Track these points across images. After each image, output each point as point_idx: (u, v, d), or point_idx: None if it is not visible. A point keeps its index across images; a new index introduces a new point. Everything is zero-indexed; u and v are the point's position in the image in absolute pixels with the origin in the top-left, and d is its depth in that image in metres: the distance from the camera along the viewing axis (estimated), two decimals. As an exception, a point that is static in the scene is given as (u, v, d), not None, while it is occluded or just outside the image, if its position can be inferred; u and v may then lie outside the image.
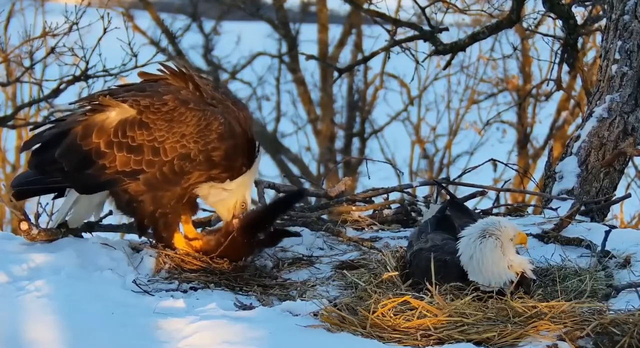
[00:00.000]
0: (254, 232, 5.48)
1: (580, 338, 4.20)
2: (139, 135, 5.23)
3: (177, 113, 5.25)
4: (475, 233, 4.69)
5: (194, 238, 5.54)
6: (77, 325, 4.34)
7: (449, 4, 9.81)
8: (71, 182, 5.33)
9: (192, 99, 5.31)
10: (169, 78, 5.42)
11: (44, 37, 10.16)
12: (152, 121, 5.23)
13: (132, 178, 5.26)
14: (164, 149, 5.24)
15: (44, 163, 5.34)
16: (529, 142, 17.30)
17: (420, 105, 18.57)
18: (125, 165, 5.24)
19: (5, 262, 5.06)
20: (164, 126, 5.23)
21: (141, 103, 5.25)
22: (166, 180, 5.27)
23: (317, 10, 18.32)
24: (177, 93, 5.32)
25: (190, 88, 5.37)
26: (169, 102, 5.26)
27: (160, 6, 19.35)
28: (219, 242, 5.48)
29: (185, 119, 5.25)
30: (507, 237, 4.68)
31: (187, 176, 5.29)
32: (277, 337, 4.26)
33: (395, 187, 6.64)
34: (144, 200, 5.30)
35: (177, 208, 5.38)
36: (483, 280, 4.63)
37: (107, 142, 5.24)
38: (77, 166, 5.28)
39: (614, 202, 6.85)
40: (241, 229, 5.46)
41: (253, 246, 5.51)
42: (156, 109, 5.24)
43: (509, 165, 7.48)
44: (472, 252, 4.66)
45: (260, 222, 5.52)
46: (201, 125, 5.25)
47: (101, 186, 5.30)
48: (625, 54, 6.84)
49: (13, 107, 14.40)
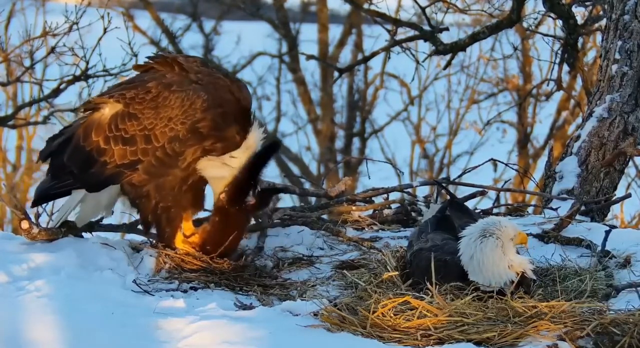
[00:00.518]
0: (242, 197, 5.45)
1: (580, 338, 4.20)
2: (130, 127, 5.30)
3: (161, 98, 5.31)
4: (476, 233, 4.69)
5: (191, 235, 5.54)
6: (77, 325, 4.34)
7: (449, 4, 9.81)
8: (80, 183, 5.40)
9: (176, 80, 5.35)
10: (156, 66, 5.46)
11: (44, 36, 10.15)
12: (140, 111, 5.30)
13: (132, 170, 5.32)
14: (154, 135, 5.29)
15: (57, 169, 5.45)
16: (529, 142, 17.31)
17: (420, 105, 18.59)
18: (123, 157, 5.31)
19: (5, 262, 5.06)
20: (151, 114, 5.29)
21: (127, 95, 5.34)
22: (162, 163, 5.30)
23: (317, 10, 18.33)
24: (161, 78, 5.37)
25: (176, 70, 5.40)
26: (152, 89, 5.32)
27: (160, 6, 19.36)
28: (213, 221, 5.48)
29: (169, 103, 5.29)
30: (508, 237, 4.67)
31: (181, 156, 5.31)
32: (277, 337, 4.26)
33: (395, 187, 6.64)
34: (148, 190, 5.34)
35: (181, 200, 5.39)
36: (483, 280, 4.63)
37: (104, 138, 5.33)
38: (82, 167, 5.36)
39: (614, 202, 6.85)
40: (229, 199, 5.43)
41: (246, 212, 5.50)
42: (141, 99, 5.32)
43: (509, 165, 7.48)
44: (472, 251, 4.66)
45: (245, 183, 5.46)
46: (185, 106, 5.28)
47: (105, 182, 5.36)
48: (625, 53, 6.84)
49: (13, 107, 14.42)
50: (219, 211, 5.47)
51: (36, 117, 14.22)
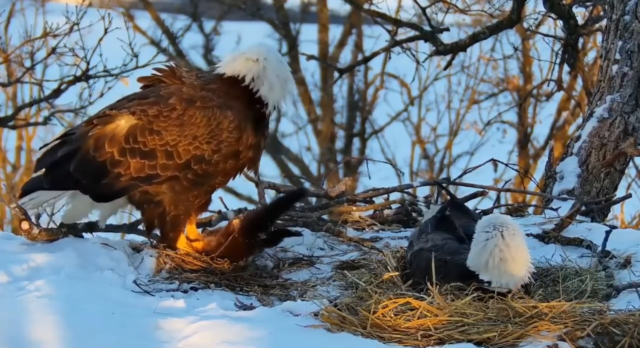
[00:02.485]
0: (255, 232, 5.49)
1: (580, 339, 4.20)
2: (151, 140, 5.23)
3: (186, 116, 5.25)
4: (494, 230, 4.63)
5: (195, 240, 5.54)
6: (77, 325, 4.34)
7: (449, 4, 9.80)
8: (88, 193, 5.34)
9: (195, 95, 5.30)
10: (164, 79, 5.42)
11: (44, 37, 10.15)
12: (164, 128, 5.23)
13: (147, 184, 5.27)
14: (177, 152, 5.24)
15: (59, 179, 5.35)
16: (529, 142, 17.29)
17: (420, 105, 18.57)
18: (140, 171, 5.25)
19: (5, 262, 5.06)
20: (175, 131, 5.23)
21: (149, 112, 5.25)
22: (194, 183, 5.29)
23: (318, 10, 18.31)
24: (179, 92, 5.31)
25: (187, 83, 5.37)
26: (177, 105, 5.26)
27: (160, 6, 19.35)
28: (219, 243, 5.48)
29: (196, 121, 5.25)
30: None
31: (214, 178, 5.31)
32: (277, 337, 4.26)
33: (395, 187, 6.64)
34: (161, 200, 5.31)
35: (191, 208, 5.39)
36: (498, 280, 4.58)
37: (120, 150, 5.25)
38: (93, 178, 5.28)
39: (615, 202, 6.85)
40: (242, 229, 5.46)
41: (254, 246, 5.51)
42: (165, 117, 5.24)
43: (510, 166, 7.47)
44: (492, 248, 4.58)
45: (261, 221, 5.52)
46: (212, 125, 5.24)
47: (117, 194, 5.31)
48: (625, 54, 6.83)
49: (13, 108, 14.40)
50: (228, 236, 5.48)
51: (36, 117, 14.23)
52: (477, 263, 4.62)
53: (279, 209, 5.65)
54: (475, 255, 4.63)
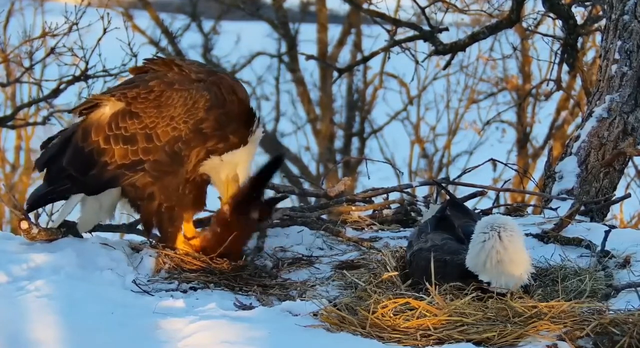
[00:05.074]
0: (246, 209, 5.46)
1: (580, 338, 4.20)
2: (131, 125, 5.25)
3: (164, 97, 5.27)
4: (492, 231, 4.62)
5: (193, 237, 5.54)
6: (77, 325, 4.34)
7: (448, 4, 9.82)
8: (79, 186, 5.34)
9: (178, 79, 5.31)
10: (155, 67, 5.44)
11: (43, 37, 10.14)
12: (142, 110, 5.25)
13: (133, 171, 5.27)
14: (156, 134, 5.25)
15: (55, 174, 5.37)
16: (528, 142, 17.32)
17: (419, 105, 18.60)
18: (124, 157, 5.26)
19: (5, 262, 5.06)
20: (153, 112, 5.25)
21: (128, 94, 5.28)
22: (168, 163, 5.27)
23: (317, 10, 18.33)
24: (163, 77, 5.33)
25: (176, 70, 5.38)
26: (155, 87, 5.28)
27: (159, 6, 19.35)
28: (214, 232, 5.47)
29: (172, 101, 5.25)
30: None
31: (186, 157, 5.29)
32: (277, 337, 4.26)
33: (394, 187, 6.64)
34: (152, 191, 5.31)
35: (183, 200, 5.38)
36: (497, 281, 4.58)
37: (105, 137, 5.27)
38: (82, 169, 5.30)
39: (614, 202, 6.86)
40: (233, 210, 5.44)
41: (249, 224, 5.50)
42: (143, 98, 5.27)
43: (509, 165, 7.48)
44: (490, 249, 4.56)
45: (249, 195, 5.47)
46: (188, 105, 5.25)
47: (106, 184, 5.31)
48: (625, 54, 6.84)
49: (12, 107, 14.42)
50: (221, 223, 5.47)
51: (35, 117, 14.23)
52: (475, 265, 4.62)
53: (262, 179, 5.56)
54: (473, 256, 4.63)
